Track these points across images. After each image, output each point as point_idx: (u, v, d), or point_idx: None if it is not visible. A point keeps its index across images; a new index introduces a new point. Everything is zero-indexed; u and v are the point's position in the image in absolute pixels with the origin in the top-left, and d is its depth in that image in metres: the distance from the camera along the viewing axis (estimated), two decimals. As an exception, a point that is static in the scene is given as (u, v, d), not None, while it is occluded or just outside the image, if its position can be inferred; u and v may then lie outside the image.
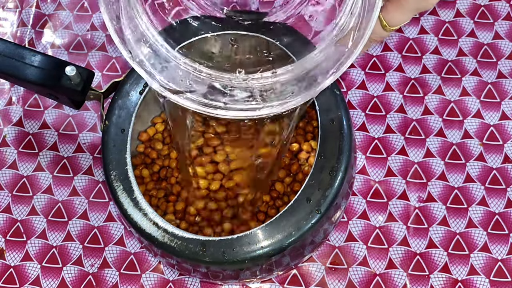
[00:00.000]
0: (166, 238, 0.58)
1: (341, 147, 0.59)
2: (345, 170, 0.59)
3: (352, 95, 0.77)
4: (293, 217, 0.57)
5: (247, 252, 0.56)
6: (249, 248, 0.57)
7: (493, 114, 0.76)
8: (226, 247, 0.57)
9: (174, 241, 0.57)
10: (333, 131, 0.60)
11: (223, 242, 0.57)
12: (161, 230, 0.58)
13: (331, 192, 0.58)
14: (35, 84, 0.58)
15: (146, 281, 0.70)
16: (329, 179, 0.58)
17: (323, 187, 0.58)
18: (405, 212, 0.72)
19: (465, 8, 0.81)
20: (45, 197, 0.74)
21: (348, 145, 0.59)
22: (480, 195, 0.72)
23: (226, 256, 0.56)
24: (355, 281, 0.69)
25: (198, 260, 0.57)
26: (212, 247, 0.57)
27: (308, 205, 0.57)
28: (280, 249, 0.57)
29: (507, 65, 0.78)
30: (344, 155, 0.59)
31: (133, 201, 0.59)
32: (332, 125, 0.60)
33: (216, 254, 0.57)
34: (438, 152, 0.74)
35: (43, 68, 0.58)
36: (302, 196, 0.58)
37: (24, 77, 0.57)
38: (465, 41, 0.79)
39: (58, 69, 0.57)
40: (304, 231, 0.57)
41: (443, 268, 0.69)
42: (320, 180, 0.58)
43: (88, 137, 0.76)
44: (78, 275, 0.71)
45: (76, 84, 0.58)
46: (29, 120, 0.77)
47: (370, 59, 0.79)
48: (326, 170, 0.58)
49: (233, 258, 0.57)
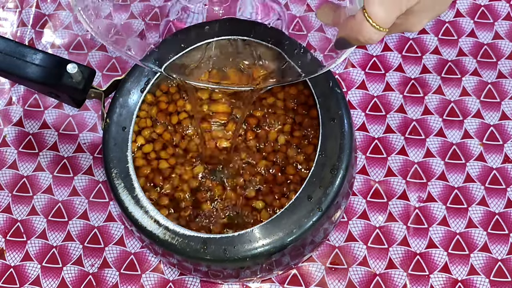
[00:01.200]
0: (168, 236, 0.58)
1: (342, 145, 0.59)
2: (346, 168, 0.59)
3: (352, 95, 0.77)
4: (294, 215, 0.57)
5: (248, 250, 0.57)
6: (250, 245, 0.57)
7: (493, 114, 0.76)
8: (227, 244, 0.57)
9: (175, 239, 0.57)
10: (334, 130, 0.60)
11: (224, 239, 0.57)
12: (163, 228, 0.58)
13: (332, 190, 0.58)
14: (36, 82, 0.58)
15: (146, 281, 0.70)
16: (330, 177, 0.58)
17: (324, 185, 0.58)
18: (405, 212, 0.72)
19: (465, 8, 0.81)
20: (45, 197, 0.74)
21: (349, 143, 0.60)
22: (480, 195, 0.72)
23: (227, 254, 0.56)
24: (355, 281, 0.69)
25: (199, 258, 0.57)
26: (213, 245, 0.57)
27: (309, 203, 0.57)
28: (281, 247, 0.57)
29: (507, 65, 0.78)
30: (345, 154, 0.59)
31: (134, 198, 0.59)
32: (333, 123, 0.60)
33: (217, 252, 0.57)
34: (438, 152, 0.74)
35: (45, 66, 0.58)
36: (303, 194, 0.58)
37: (25, 75, 0.57)
38: (465, 41, 0.79)
39: (60, 67, 0.57)
40: (305, 229, 0.57)
41: (443, 268, 0.69)
42: (321, 178, 0.58)
43: (88, 137, 0.76)
44: (78, 275, 0.70)
45: (78, 82, 0.58)
46: (29, 120, 0.77)
47: (370, 59, 0.79)
48: (327, 168, 0.58)
49: (234, 255, 0.57)
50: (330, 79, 0.62)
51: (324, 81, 0.62)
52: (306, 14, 0.80)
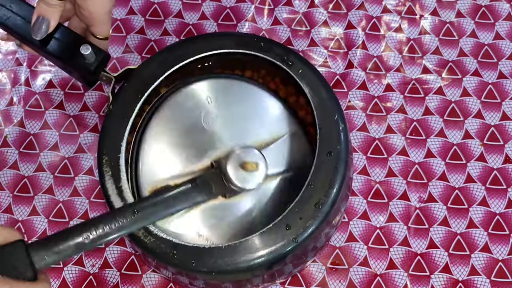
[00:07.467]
0: (141, 233, 0.57)
1: (332, 183, 0.58)
2: (331, 205, 0.58)
3: (352, 95, 0.77)
4: (269, 240, 0.56)
5: (215, 264, 0.56)
6: (218, 260, 0.56)
7: (494, 114, 0.76)
8: (197, 254, 0.56)
9: (147, 237, 0.57)
10: (328, 164, 0.58)
11: (194, 249, 0.56)
12: None
13: (312, 225, 0.57)
14: (51, 54, 0.58)
15: (147, 281, 0.70)
16: (313, 211, 0.57)
17: (305, 217, 0.57)
18: (405, 212, 0.72)
19: (466, 8, 0.81)
20: (46, 198, 0.74)
21: (340, 181, 0.58)
22: (480, 195, 0.72)
23: (194, 264, 0.56)
24: (356, 281, 0.69)
25: (167, 261, 0.57)
26: (182, 252, 0.56)
27: (287, 231, 0.56)
28: (247, 268, 0.56)
29: (508, 65, 0.78)
30: (333, 190, 0.58)
31: (117, 189, 0.59)
32: (329, 157, 0.59)
33: (185, 260, 0.56)
34: (439, 152, 0.74)
35: (62, 41, 0.59)
36: (282, 222, 0.57)
37: (42, 45, 0.58)
38: (466, 42, 0.79)
39: (76, 45, 0.58)
40: (276, 257, 0.56)
41: (444, 269, 0.70)
42: (303, 210, 0.57)
43: (89, 138, 0.76)
44: (79, 275, 0.71)
45: (90, 64, 0.58)
46: (30, 121, 0.77)
47: (371, 59, 0.79)
48: (313, 201, 0.57)
49: (200, 267, 0.56)
50: (336, 112, 0.60)
51: (330, 111, 0.60)
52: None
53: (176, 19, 0.81)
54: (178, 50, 0.64)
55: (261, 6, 0.81)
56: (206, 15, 0.81)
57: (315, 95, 0.61)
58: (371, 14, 0.81)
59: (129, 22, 0.81)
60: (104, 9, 0.59)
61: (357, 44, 0.79)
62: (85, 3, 0.58)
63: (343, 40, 0.80)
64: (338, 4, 0.81)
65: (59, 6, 0.57)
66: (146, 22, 0.81)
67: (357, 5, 0.81)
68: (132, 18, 0.81)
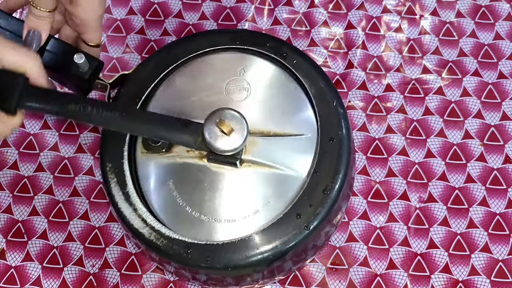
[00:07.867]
0: (153, 236, 0.57)
1: (337, 168, 0.58)
2: (339, 190, 0.57)
3: (352, 95, 0.77)
4: (280, 231, 0.56)
5: (231, 260, 0.56)
6: (234, 255, 0.56)
7: (494, 114, 0.76)
8: (211, 252, 0.56)
9: (160, 240, 0.57)
10: (331, 150, 0.58)
11: (208, 246, 0.56)
12: (148, 227, 0.57)
13: (322, 211, 0.57)
14: (44, 67, 0.58)
15: (147, 281, 0.70)
16: (322, 197, 0.57)
17: (315, 204, 0.57)
18: (405, 212, 0.72)
19: (466, 8, 0.81)
20: (46, 198, 0.74)
21: (345, 166, 0.58)
22: (481, 195, 0.72)
23: (209, 261, 0.56)
24: (356, 281, 0.69)
25: (181, 262, 0.57)
26: (197, 250, 0.56)
27: (298, 220, 0.56)
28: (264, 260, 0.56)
29: (508, 65, 0.78)
30: (339, 176, 0.58)
31: (124, 195, 0.59)
32: (331, 143, 0.59)
33: (200, 258, 0.56)
34: (439, 152, 0.74)
35: (54, 52, 0.58)
36: (292, 211, 0.57)
37: None
38: (466, 42, 0.79)
39: (68, 55, 0.58)
40: (289, 247, 0.56)
41: (444, 269, 0.69)
42: (312, 197, 0.57)
43: (89, 138, 0.76)
44: (79, 276, 0.71)
45: (84, 73, 0.58)
46: (30, 121, 0.77)
47: (371, 59, 0.79)
48: (320, 188, 0.57)
49: (215, 264, 0.56)
50: (334, 98, 0.60)
51: (328, 98, 0.60)
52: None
53: (176, 19, 0.81)
54: (173, 50, 0.64)
55: (261, 6, 0.81)
56: (206, 15, 0.81)
57: (312, 84, 0.61)
58: (371, 14, 0.81)
59: (129, 22, 0.81)
60: (95, 15, 0.59)
61: (357, 44, 0.79)
62: (76, 10, 0.58)
63: (343, 40, 0.80)
64: (338, 4, 0.81)
65: (48, 17, 0.57)
66: (146, 22, 0.81)
67: (357, 5, 0.81)
68: (132, 18, 0.81)
